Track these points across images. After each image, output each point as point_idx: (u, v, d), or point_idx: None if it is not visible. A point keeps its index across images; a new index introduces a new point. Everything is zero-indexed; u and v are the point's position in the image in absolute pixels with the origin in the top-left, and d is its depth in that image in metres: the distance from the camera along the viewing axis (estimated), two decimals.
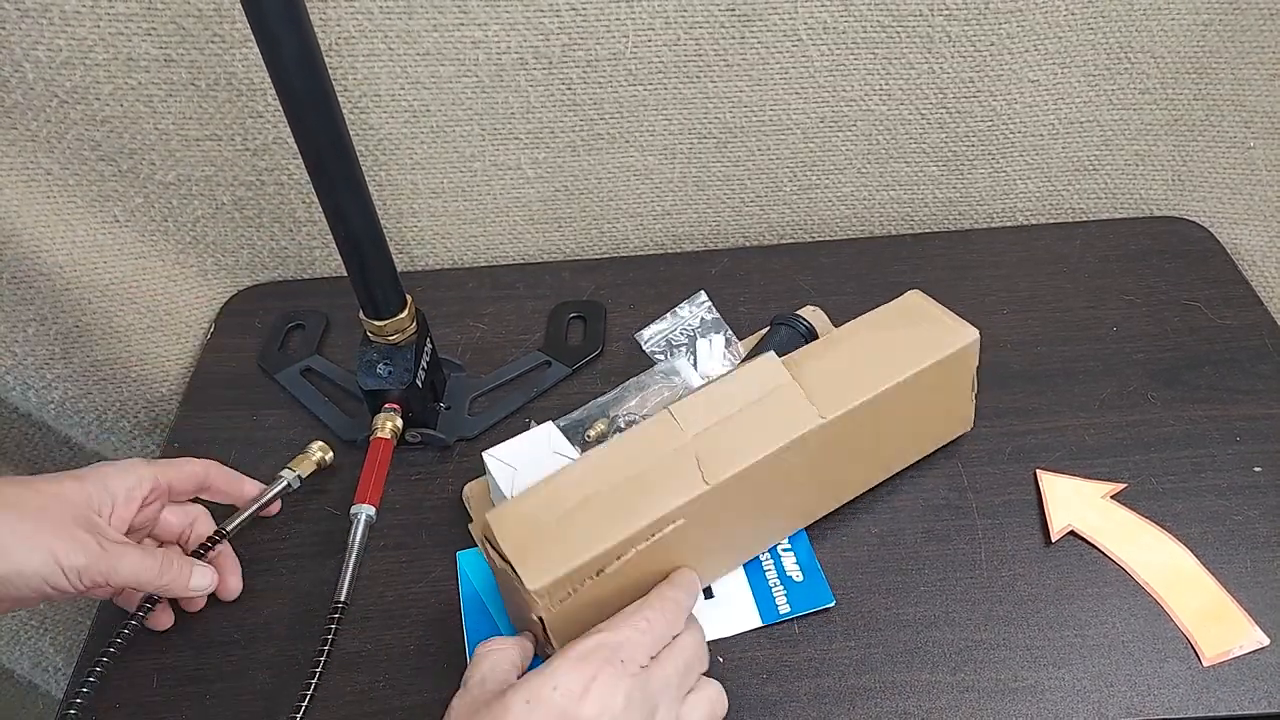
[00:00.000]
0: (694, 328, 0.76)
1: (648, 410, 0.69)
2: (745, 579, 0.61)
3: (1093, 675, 0.56)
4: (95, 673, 0.55)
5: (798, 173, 0.82)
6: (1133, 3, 0.74)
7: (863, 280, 0.81)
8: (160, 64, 0.70)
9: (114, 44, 0.69)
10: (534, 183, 0.81)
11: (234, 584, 0.62)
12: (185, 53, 0.70)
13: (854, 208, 0.85)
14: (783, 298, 0.79)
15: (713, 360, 0.74)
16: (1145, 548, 0.61)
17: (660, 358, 0.74)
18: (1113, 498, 0.64)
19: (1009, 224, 0.87)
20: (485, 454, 0.58)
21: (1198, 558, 0.60)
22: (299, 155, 0.58)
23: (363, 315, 0.66)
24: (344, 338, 0.80)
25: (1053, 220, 0.86)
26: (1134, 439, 0.67)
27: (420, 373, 0.68)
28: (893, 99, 0.78)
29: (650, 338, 0.76)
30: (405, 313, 0.66)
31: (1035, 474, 0.65)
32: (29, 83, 0.68)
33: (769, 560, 0.62)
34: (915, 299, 0.63)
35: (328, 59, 0.57)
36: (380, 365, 0.67)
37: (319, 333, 0.80)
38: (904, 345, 0.60)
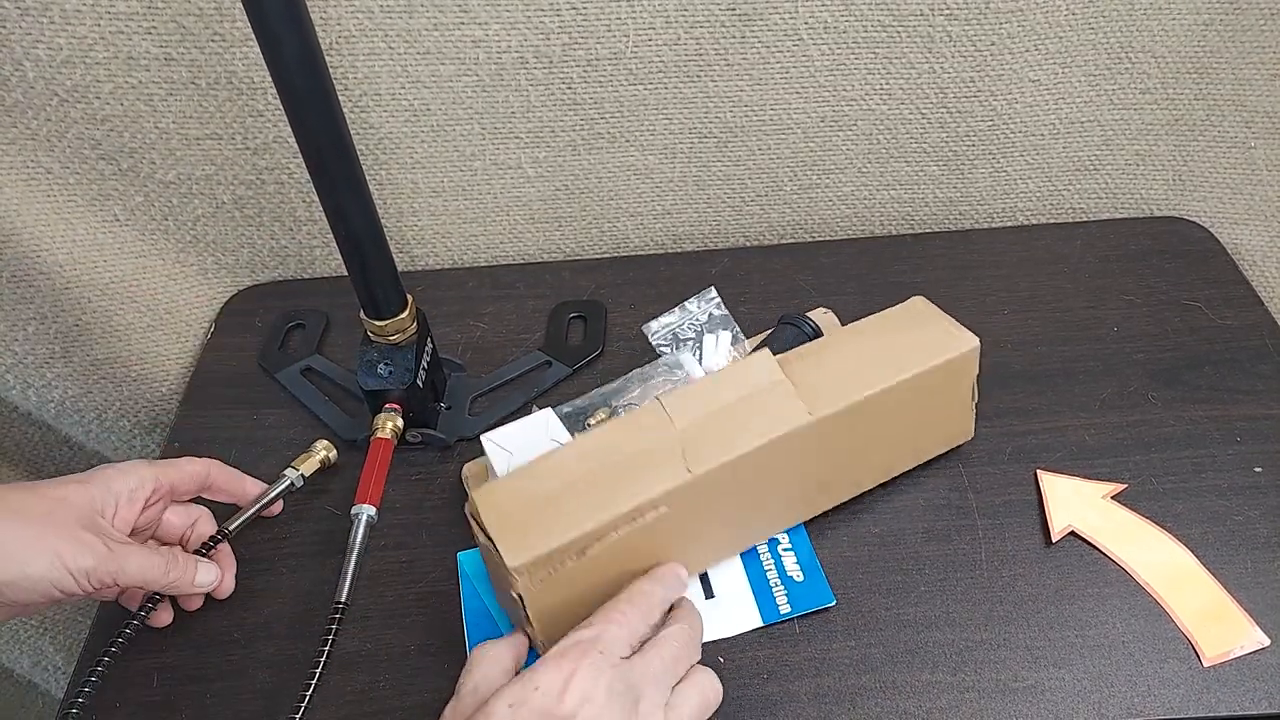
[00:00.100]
0: (702, 323, 0.76)
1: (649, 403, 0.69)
2: (746, 579, 0.61)
3: (1093, 675, 0.56)
4: (96, 672, 0.55)
5: (798, 172, 0.82)
6: (1133, 3, 0.74)
7: (863, 280, 0.81)
8: (161, 63, 0.70)
9: (114, 43, 0.68)
10: (534, 182, 0.81)
11: (229, 582, 0.62)
12: (186, 51, 0.70)
13: (854, 207, 0.85)
14: (783, 297, 0.79)
15: (718, 356, 0.73)
16: (1145, 548, 0.61)
17: (665, 351, 0.74)
18: (1113, 498, 0.64)
19: (1009, 224, 0.87)
20: (483, 437, 0.58)
21: (1198, 558, 0.60)
22: (299, 154, 0.58)
23: (363, 315, 0.66)
24: (344, 337, 0.80)
25: (1053, 220, 0.86)
26: (1134, 439, 0.67)
27: (421, 373, 0.68)
28: (893, 98, 0.78)
29: (657, 330, 0.76)
30: (406, 312, 0.66)
31: (1036, 474, 0.65)
32: (29, 81, 0.68)
33: (770, 560, 0.62)
34: (919, 304, 0.63)
35: (328, 58, 0.56)
36: (381, 365, 0.67)
37: (319, 332, 0.80)
38: (901, 349, 0.60)
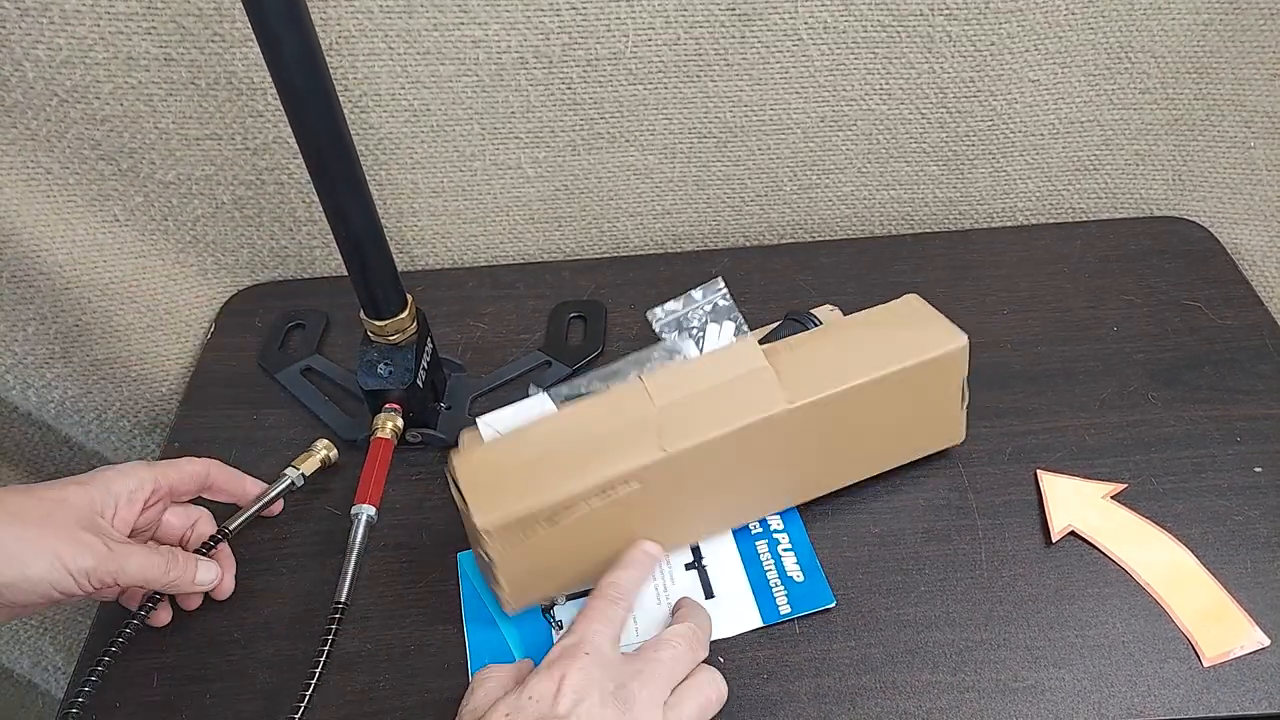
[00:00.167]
0: (707, 312, 0.76)
1: None
2: (746, 579, 0.61)
3: (1093, 675, 0.56)
4: (96, 672, 0.55)
5: (798, 172, 0.82)
6: (1133, 3, 0.74)
7: (863, 280, 0.81)
8: (160, 63, 0.70)
9: (114, 43, 0.68)
10: (534, 182, 0.81)
11: (229, 582, 0.62)
12: (185, 52, 0.70)
13: (854, 207, 0.85)
14: (783, 297, 0.79)
15: (720, 346, 0.73)
16: (1146, 548, 0.61)
17: (667, 337, 0.74)
18: (1113, 498, 0.64)
19: (1009, 224, 0.87)
20: (479, 419, 0.59)
21: (1198, 558, 0.60)
22: (299, 154, 0.58)
23: (363, 315, 0.66)
24: (344, 337, 0.80)
25: (1053, 220, 0.86)
26: (1134, 439, 0.67)
27: (421, 373, 0.68)
28: (893, 98, 0.78)
29: (662, 317, 0.76)
30: (406, 312, 0.66)
31: (1036, 474, 0.65)
32: (29, 82, 0.68)
33: (770, 560, 0.62)
34: (913, 302, 0.63)
35: (328, 58, 0.56)
36: (381, 365, 0.67)
37: (319, 332, 0.80)
38: (888, 344, 0.60)
